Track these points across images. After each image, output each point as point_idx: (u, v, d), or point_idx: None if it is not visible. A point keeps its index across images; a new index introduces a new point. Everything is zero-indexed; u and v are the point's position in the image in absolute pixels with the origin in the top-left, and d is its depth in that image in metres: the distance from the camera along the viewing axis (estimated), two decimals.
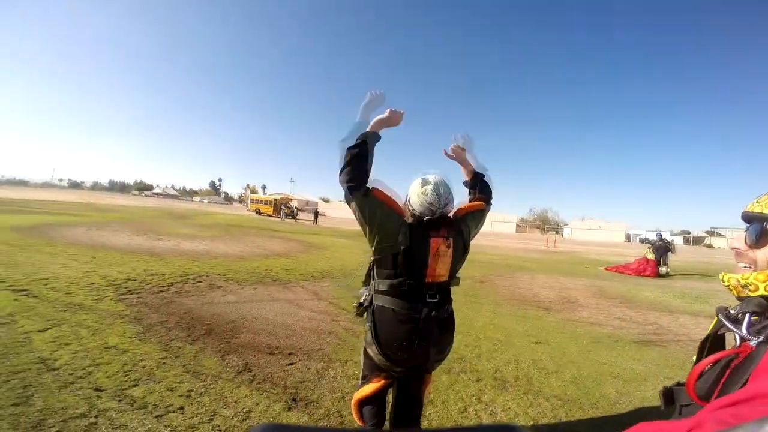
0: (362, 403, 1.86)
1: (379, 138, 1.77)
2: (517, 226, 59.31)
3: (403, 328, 1.62)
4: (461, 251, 1.76)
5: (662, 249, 12.80)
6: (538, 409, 2.71)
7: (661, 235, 13.61)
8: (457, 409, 2.62)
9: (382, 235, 1.62)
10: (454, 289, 1.83)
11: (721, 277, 0.91)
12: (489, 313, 5.52)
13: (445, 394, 2.82)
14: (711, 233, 70.31)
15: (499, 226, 54.44)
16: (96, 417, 2.16)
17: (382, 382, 1.78)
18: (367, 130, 1.74)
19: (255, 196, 50.26)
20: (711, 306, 6.51)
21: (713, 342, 0.89)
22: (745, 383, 0.67)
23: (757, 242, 0.83)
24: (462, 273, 1.86)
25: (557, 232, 57.23)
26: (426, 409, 2.58)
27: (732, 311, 0.85)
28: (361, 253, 12.02)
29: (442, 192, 1.69)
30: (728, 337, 0.88)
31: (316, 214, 34.24)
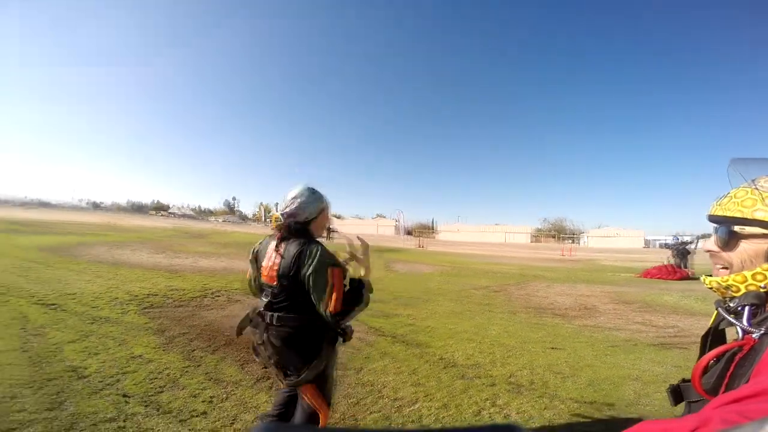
0: None
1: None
2: (532, 236, 58.51)
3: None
4: (288, 267, 1.68)
5: (683, 252, 12.87)
6: (554, 411, 2.72)
7: (678, 239, 13.51)
8: (470, 412, 2.65)
9: None
10: (466, 298, 1.83)
11: (702, 280, 0.91)
12: (503, 321, 5.51)
13: (459, 398, 2.86)
14: None
15: (513, 237, 53.75)
16: (124, 421, 2.28)
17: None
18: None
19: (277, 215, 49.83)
20: None
21: (714, 336, 0.89)
22: (750, 375, 0.67)
23: (727, 244, 0.84)
24: (475, 283, 1.97)
25: (574, 241, 56.26)
26: (440, 412, 2.63)
27: (731, 304, 0.83)
28: (374, 268, 12.08)
29: (287, 197, 1.80)
30: (728, 330, 0.88)
31: (329, 230, 34.53)
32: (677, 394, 0.93)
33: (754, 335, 0.73)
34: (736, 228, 0.82)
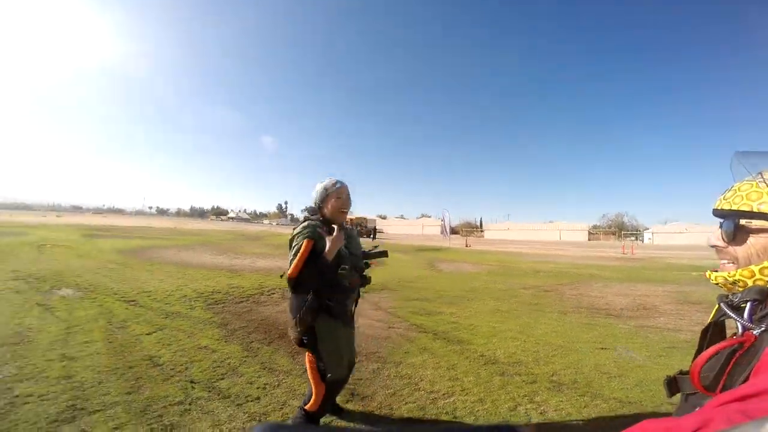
0: None
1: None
2: (590, 233, 55.14)
3: None
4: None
5: None
6: (595, 410, 2.70)
7: None
8: (506, 407, 2.70)
9: None
10: (513, 297, 1.98)
11: (708, 275, 0.90)
12: (552, 321, 5.39)
13: (496, 393, 2.91)
14: None
15: (568, 234, 50.87)
16: (190, 404, 2.58)
17: None
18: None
19: None
20: None
21: (714, 331, 0.87)
22: (750, 373, 0.66)
23: (733, 238, 0.82)
24: (524, 283, 2.08)
25: (636, 238, 52.46)
26: (475, 406, 2.72)
27: (734, 299, 0.82)
28: (418, 267, 12.19)
29: None
30: (729, 325, 0.87)
31: (374, 231, 35.07)
32: (673, 385, 0.92)
33: (754, 332, 0.72)
34: (742, 222, 0.81)
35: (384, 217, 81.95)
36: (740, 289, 0.81)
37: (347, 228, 2.28)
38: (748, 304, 0.77)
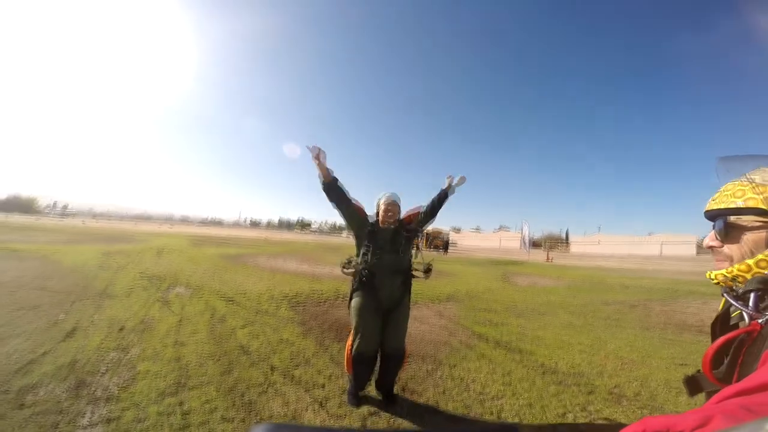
0: None
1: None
2: (699, 247, 48.06)
3: None
4: None
5: None
6: None
7: None
8: (555, 413, 2.74)
9: None
10: (591, 312, 2.21)
11: (708, 275, 0.92)
12: (630, 336, 5.07)
13: (547, 400, 2.96)
14: None
15: (671, 248, 44.70)
16: (267, 387, 3.03)
17: None
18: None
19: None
20: None
21: (723, 323, 0.88)
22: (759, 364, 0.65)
23: (727, 237, 0.85)
24: (608, 298, 2.24)
25: None
26: (522, 409, 2.80)
27: (739, 290, 0.83)
28: (489, 279, 11.95)
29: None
30: (736, 315, 0.87)
31: (447, 244, 34.12)
32: (694, 384, 0.92)
33: (760, 321, 0.73)
34: (732, 219, 0.84)
35: (458, 230, 79.77)
36: (740, 285, 0.83)
37: (384, 227, 2.85)
38: (752, 294, 0.78)
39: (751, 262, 0.80)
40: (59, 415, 2.44)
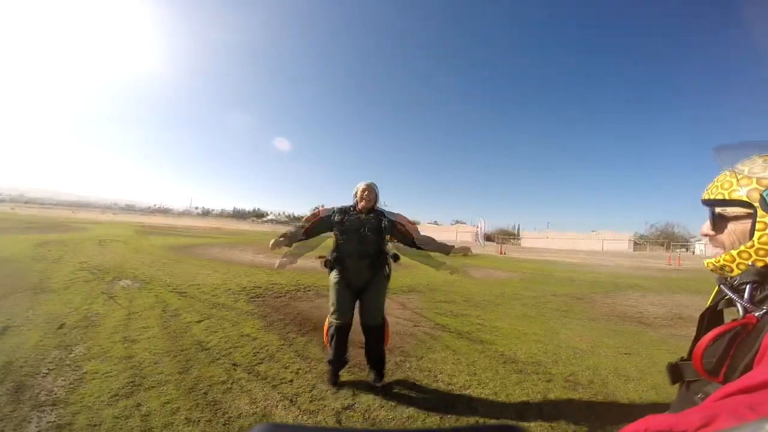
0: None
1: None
2: (635, 243, 52.16)
3: None
4: None
5: None
6: (605, 408, 2.81)
7: None
8: (520, 402, 2.86)
9: None
10: (543, 304, 2.30)
11: (705, 264, 0.93)
12: (578, 327, 5.40)
13: (511, 389, 3.08)
14: None
15: (611, 244, 48.35)
16: (231, 384, 2.91)
17: None
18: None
19: None
20: None
21: (712, 315, 0.88)
22: (753, 357, 0.65)
23: (716, 227, 0.87)
24: (557, 290, 2.38)
25: (687, 249, 49.23)
26: (489, 399, 2.90)
27: (734, 282, 0.82)
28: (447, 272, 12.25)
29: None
30: (725, 309, 0.88)
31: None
32: (676, 372, 0.92)
33: (756, 314, 0.72)
34: (719, 210, 0.85)
35: (417, 223, 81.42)
36: (728, 273, 0.84)
37: (366, 217, 3.03)
38: (748, 286, 0.77)
39: (734, 252, 0.81)
40: (0, 422, 2.19)
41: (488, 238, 55.40)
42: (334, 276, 3.05)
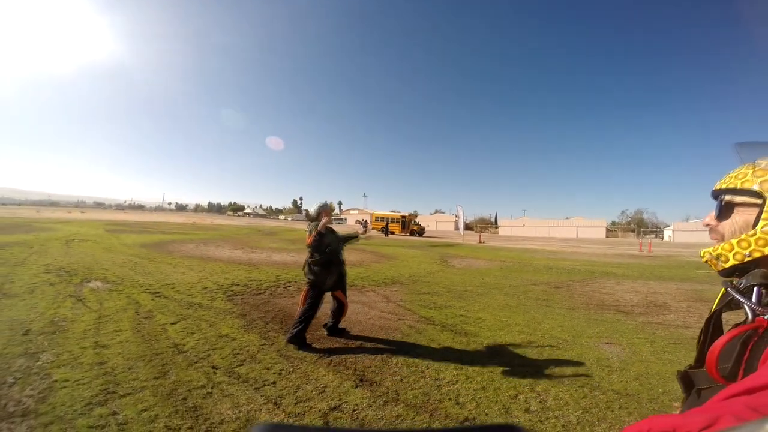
0: None
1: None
2: (608, 230, 53.88)
3: None
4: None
5: None
6: (592, 400, 2.82)
7: None
8: (507, 395, 2.86)
9: None
10: (523, 293, 2.26)
11: (701, 254, 0.92)
12: (559, 316, 5.49)
13: (498, 382, 3.07)
14: None
15: (585, 231, 49.80)
16: (212, 388, 2.79)
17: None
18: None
19: (379, 213, 47.76)
20: None
21: (717, 321, 0.86)
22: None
23: (721, 215, 0.87)
24: (536, 279, 2.33)
25: (657, 236, 51.25)
26: (477, 393, 2.88)
27: (740, 285, 0.79)
28: (429, 263, 12.30)
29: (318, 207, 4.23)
30: (724, 317, 0.86)
31: (387, 228, 36.05)
32: (687, 380, 0.89)
33: (766, 317, 0.70)
34: (728, 198, 0.85)
35: (396, 212, 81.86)
36: (723, 264, 0.83)
37: (328, 228, 4.08)
38: (755, 288, 0.76)
39: (734, 241, 0.81)
40: None
41: (468, 227, 56.23)
42: (323, 266, 4.11)
